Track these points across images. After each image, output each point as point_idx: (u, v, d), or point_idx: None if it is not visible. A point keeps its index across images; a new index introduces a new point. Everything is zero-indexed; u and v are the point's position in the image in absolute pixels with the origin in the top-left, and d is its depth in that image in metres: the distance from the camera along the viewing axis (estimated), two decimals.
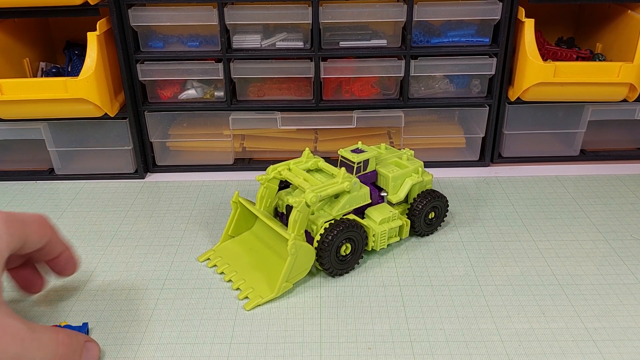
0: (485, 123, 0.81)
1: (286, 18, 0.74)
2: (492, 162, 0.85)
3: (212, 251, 0.63)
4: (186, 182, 0.81)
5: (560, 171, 0.82)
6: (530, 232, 0.67)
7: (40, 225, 0.47)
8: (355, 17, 0.74)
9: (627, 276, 0.58)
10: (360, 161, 0.62)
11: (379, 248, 0.61)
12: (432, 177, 0.67)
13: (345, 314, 0.54)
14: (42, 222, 0.48)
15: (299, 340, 0.50)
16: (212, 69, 0.77)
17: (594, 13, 0.89)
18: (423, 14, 0.74)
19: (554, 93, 0.77)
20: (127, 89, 0.77)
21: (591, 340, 0.50)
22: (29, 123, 0.77)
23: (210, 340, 0.50)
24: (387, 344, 0.50)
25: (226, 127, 0.82)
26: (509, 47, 0.77)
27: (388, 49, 0.77)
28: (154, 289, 0.57)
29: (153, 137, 0.82)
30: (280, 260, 0.59)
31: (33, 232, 0.46)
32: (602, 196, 0.75)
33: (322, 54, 0.76)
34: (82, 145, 0.80)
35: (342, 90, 0.81)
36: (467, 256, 0.62)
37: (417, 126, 0.84)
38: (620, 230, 0.67)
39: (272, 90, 0.81)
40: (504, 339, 0.50)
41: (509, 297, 0.55)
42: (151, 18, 0.74)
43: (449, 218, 0.70)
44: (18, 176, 0.82)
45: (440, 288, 0.57)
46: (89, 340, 0.47)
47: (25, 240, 0.45)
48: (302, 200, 0.55)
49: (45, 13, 0.72)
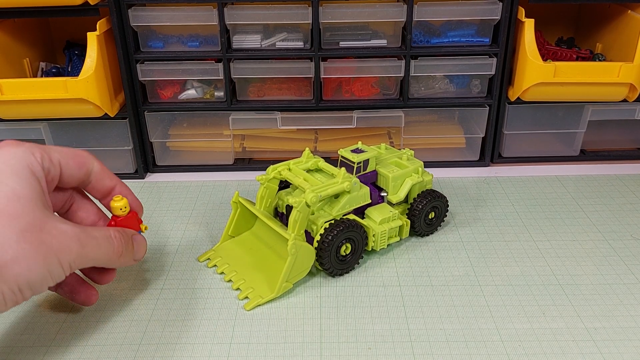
0: (485, 123, 0.82)
1: (286, 18, 0.74)
2: (492, 162, 0.85)
3: (212, 251, 0.63)
4: (186, 182, 0.81)
5: (560, 171, 0.82)
6: (530, 232, 0.67)
7: (75, 153, 0.49)
8: (355, 17, 0.74)
9: (627, 276, 0.59)
10: (360, 161, 0.62)
11: (379, 248, 0.61)
12: (432, 177, 0.67)
13: (345, 314, 0.54)
14: (77, 151, 0.50)
15: (299, 340, 0.50)
16: (212, 69, 0.77)
17: (594, 13, 0.89)
18: (423, 14, 0.74)
19: (554, 93, 0.77)
20: (127, 89, 0.77)
21: (591, 340, 0.50)
22: (29, 123, 0.77)
23: (210, 340, 0.50)
24: (387, 344, 0.50)
25: (226, 127, 0.82)
26: (509, 47, 0.77)
27: (388, 49, 0.77)
28: (154, 289, 0.57)
29: (153, 137, 0.82)
30: (280, 260, 0.59)
31: (68, 158, 0.48)
32: (602, 196, 0.75)
33: (322, 54, 0.76)
34: (82, 145, 0.80)
35: (342, 90, 0.81)
36: (467, 256, 0.62)
37: (417, 126, 0.84)
38: (620, 230, 0.67)
39: (272, 90, 0.81)
40: (504, 339, 0.50)
41: (509, 297, 0.55)
42: (151, 18, 0.74)
43: (449, 218, 0.70)
44: None
45: (440, 288, 0.57)
46: (135, 233, 0.52)
47: (60, 165, 0.47)
48: (302, 200, 0.55)
49: (45, 13, 0.72)
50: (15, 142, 0.45)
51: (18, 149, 0.44)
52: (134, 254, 0.51)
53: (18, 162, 0.43)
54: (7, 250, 0.39)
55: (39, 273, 0.40)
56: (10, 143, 0.45)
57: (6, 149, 0.44)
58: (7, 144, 0.45)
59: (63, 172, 0.48)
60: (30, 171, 0.44)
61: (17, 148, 0.44)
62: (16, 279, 0.39)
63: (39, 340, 0.51)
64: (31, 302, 0.56)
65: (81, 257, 0.44)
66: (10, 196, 0.41)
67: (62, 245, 0.42)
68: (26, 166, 0.44)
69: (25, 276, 0.40)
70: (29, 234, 0.40)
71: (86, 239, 0.44)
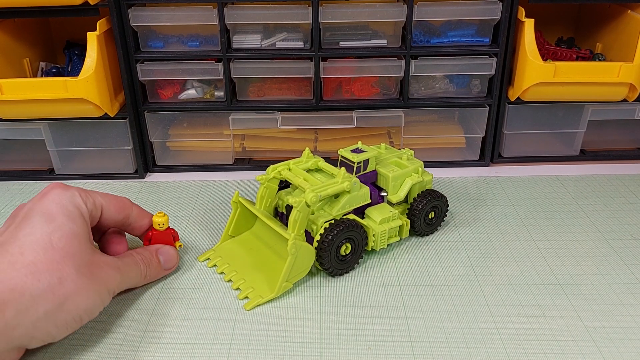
0: (485, 123, 0.81)
1: (286, 18, 0.74)
2: (492, 162, 0.85)
3: (212, 251, 0.63)
4: (186, 182, 0.81)
5: (560, 171, 0.82)
6: (530, 232, 0.67)
7: (116, 199, 0.55)
8: (355, 17, 0.74)
9: (627, 276, 0.58)
10: (360, 161, 0.62)
11: (379, 248, 0.61)
12: (432, 177, 0.67)
13: (345, 314, 0.54)
14: (118, 197, 0.56)
15: (299, 340, 0.50)
16: (212, 69, 0.77)
17: (594, 13, 0.89)
18: (423, 14, 0.74)
19: (554, 93, 0.77)
20: (127, 89, 0.77)
21: (591, 340, 0.50)
22: (29, 123, 0.77)
23: (210, 340, 0.50)
24: (387, 344, 0.50)
25: (226, 127, 0.82)
26: (509, 47, 0.77)
27: (388, 49, 0.77)
28: (154, 289, 0.57)
29: (153, 137, 0.82)
30: (280, 260, 0.59)
31: (109, 203, 0.54)
32: (602, 196, 0.75)
33: (322, 54, 0.76)
34: (82, 145, 0.80)
35: (342, 90, 0.81)
36: (467, 256, 0.62)
37: (417, 126, 0.84)
38: (620, 230, 0.67)
39: (272, 90, 0.81)
40: (504, 339, 0.50)
41: (509, 297, 0.55)
42: (151, 18, 0.74)
43: (449, 218, 0.70)
44: (18, 176, 0.82)
45: (440, 288, 0.57)
46: (159, 248, 0.58)
47: (102, 208, 0.53)
48: (302, 200, 0.55)
49: (45, 13, 0.72)
50: (63, 186, 0.51)
51: (67, 191, 0.50)
52: (161, 267, 0.58)
53: (69, 203, 0.49)
54: (69, 285, 0.45)
55: (94, 302, 0.47)
56: (59, 186, 0.51)
57: (56, 191, 0.50)
58: (56, 186, 0.51)
59: (103, 214, 0.54)
60: (79, 212, 0.50)
61: (66, 191, 0.50)
62: (77, 309, 0.46)
63: None
64: None
65: (121, 283, 0.52)
66: (69, 236, 0.47)
67: (108, 276, 0.49)
68: (76, 207, 0.50)
69: (84, 305, 0.46)
70: (84, 269, 0.47)
71: (123, 267, 0.52)
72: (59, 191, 0.50)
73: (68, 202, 0.49)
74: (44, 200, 0.49)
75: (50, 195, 0.49)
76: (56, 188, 0.50)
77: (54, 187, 0.50)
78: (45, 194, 0.50)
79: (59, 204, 0.49)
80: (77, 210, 0.49)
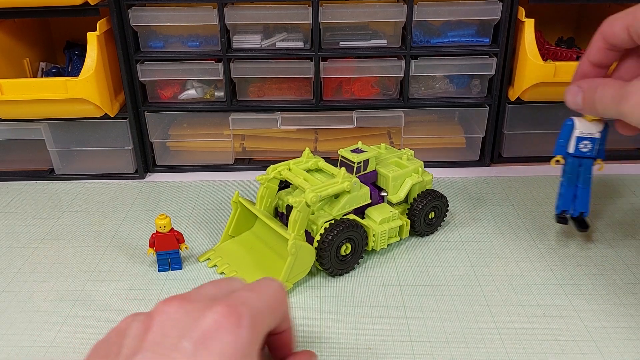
0: (485, 123, 0.81)
1: (286, 18, 0.74)
2: (492, 162, 0.85)
3: (212, 251, 0.63)
4: (186, 182, 0.81)
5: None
6: (530, 232, 0.67)
7: (280, 302, 0.37)
8: (355, 17, 0.74)
9: (627, 276, 0.58)
10: (360, 161, 0.62)
11: (379, 248, 0.61)
12: (432, 177, 0.67)
13: (345, 314, 0.54)
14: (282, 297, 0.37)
15: (299, 340, 0.50)
16: (212, 69, 0.77)
17: (594, 13, 0.89)
18: (423, 14, 0.74)
19: (554, 93, 0.77)
20: (127, 89, 0.77)
21: (591, 340, 0.50)
22: (29, 123, 0.77)
23: None
24: (387, 344, 0.50)
25: (226, 127, 0.82)
26: (509, 47, 0.76)
27: (388, 49, 0.77)
28: (154, 289, 0.57)
29: (153, 137, 0.82)
30: (280, 260, 0.59)
31: (282, 311, 0.37)
32: (602, 196, 0.75)
33: (322, 54, 0.76)
34: (82, 145, 0.80)
35: (342, 90, 0.81)
36: (467, 256, 0.62)
37: (417, 126, 0.84)
38: (620, 230, 0.67)
39: (272, 90, 0.81)
40: (504, 339, 0.50)
41: (509, 297, 0.55)
42: (151, 18, 0.74)
43: (449, 218, 0.70)
44: (18, 176, 0.82)
45: (440, 288, 0.57)
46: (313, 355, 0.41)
47: (282, 319, 0.37)
48: (302, 200, 0.55)
49: (45, 13, 0.72)
50: (234, 320, 0.31)
51: (239, 339, 0.31)
52: None
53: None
54: None
55: None
56: (227, 320, 0.31)
57: (225, 339, 0.31)
58: (222, 320, 0.31)
59: (279, 325, 0.37)
60: None
61: (238, 338, 0.31)
62: None
63: (39, 340, 0.51)
64: (31, 302, 0.56)
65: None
66: None
67: None
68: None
69: None
70: None
71: None
72: (231, 339, 0.30)
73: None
74: (204, 353, 0.29)
75: (214, 345, 0.29)
76: (223, 326, 0.30)
77: (220, 323, 0.30)
78: (207, 337, 0.30)
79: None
80: None
